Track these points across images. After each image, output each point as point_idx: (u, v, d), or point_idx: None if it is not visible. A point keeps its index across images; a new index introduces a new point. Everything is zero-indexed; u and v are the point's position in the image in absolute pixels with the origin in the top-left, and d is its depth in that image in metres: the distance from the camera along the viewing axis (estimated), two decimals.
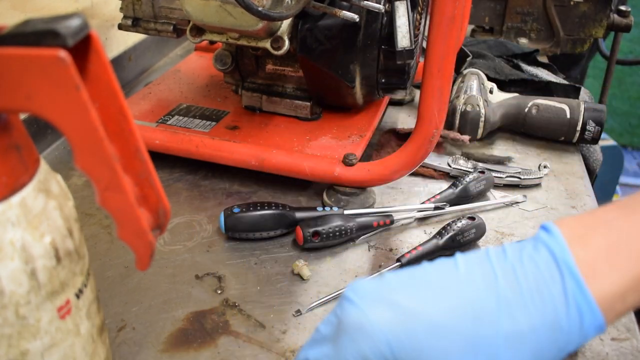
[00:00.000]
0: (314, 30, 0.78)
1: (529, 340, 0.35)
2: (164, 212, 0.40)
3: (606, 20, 1.26)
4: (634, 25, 1.31)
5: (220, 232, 0.73)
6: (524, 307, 0.35)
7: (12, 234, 0.35)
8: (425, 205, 0.78)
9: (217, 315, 0.62)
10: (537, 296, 0.35)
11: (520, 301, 0.35)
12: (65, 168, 0.85)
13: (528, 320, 0.35)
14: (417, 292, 0.36)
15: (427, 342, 0.35)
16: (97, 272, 0.67)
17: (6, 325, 0.36)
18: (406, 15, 0.74)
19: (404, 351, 0.35)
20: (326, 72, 0.81)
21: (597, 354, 0.59)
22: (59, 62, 0.31)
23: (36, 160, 0.38)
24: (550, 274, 0.36)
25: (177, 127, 0.86)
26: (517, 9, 1.30)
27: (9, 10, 0.84)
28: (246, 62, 0.89)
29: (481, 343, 0.35)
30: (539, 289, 0.35)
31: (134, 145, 0.37)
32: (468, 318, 0.35)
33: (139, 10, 0.86)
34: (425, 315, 0.35)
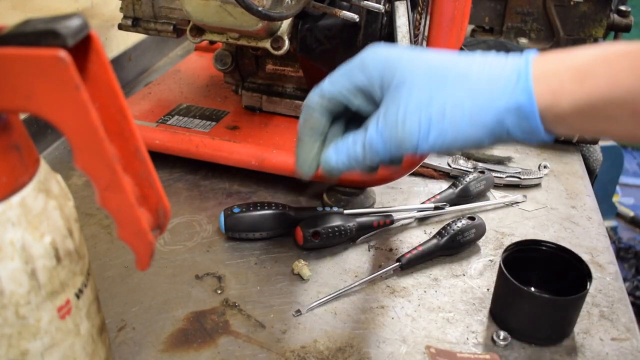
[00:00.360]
0: (314, 30, 0.78)
1: (471, 81, 0.44)
2: (164, 212, 0.40)
3: (606, 20, 1.26)
4: (634, 25, 1.31)
5: (220, 232, 0.73)
6: (481, 64, 0.45)
7: (12, 234, 0.35)
8: (425, 205, 0.78)
9: (217, 315, 0.62)
10: (495, 63, 0.45)
11: (482, 61, 0.45)
12: (65, 168, 0.85)
13: (478, 71, 0.45)
14: (416, 49, 0.48)
15: (406, 62, 0.46)
16: (97, 272, 0.67)
17: (6, 325, 0.36)
18: (406, 15, 0.74)
19: (389, 62, 0.47)
20: (326, 72, 0.81)
21: (597, 354, 0.59)
22: (59, 62, 0.31)
23: (36, 160, 0.38)
24: (513, 56, 0.45)
25: (177, 127, 0.86)
26: (517, 9, 1.30)
27: (9, 10, 0.84)
28: (246, 62, 0.89)
29: (439, 71, 0.45)
30: (499, 60, 0.45)
31: (134, 145, 0.37)
32: (439, 59, 0.46)
33: (139, 10, 0.86)
34: (414, 52, 0.47)
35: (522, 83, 0.43)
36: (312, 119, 0.51)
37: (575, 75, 0.42)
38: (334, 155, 0.50)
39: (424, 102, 0.45)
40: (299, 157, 0.53)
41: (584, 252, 0.73)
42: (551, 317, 0.59)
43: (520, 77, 0.43)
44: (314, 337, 0.60)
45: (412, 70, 0.46)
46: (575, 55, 0.43)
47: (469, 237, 0.71)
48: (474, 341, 0.60)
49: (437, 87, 0.45)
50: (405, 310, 0.64)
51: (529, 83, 0.43)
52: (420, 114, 0.45)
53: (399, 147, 0.46)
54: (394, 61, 0.47)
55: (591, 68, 0.42)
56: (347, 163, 0.50)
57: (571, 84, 0.42)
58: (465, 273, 0.69)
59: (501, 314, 0.62)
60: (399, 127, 0.46)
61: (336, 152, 0.50)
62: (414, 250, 0.69)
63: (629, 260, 2.30)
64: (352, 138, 0.49)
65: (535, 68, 0.43)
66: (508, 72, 0.44)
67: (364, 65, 0.48)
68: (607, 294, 0.66)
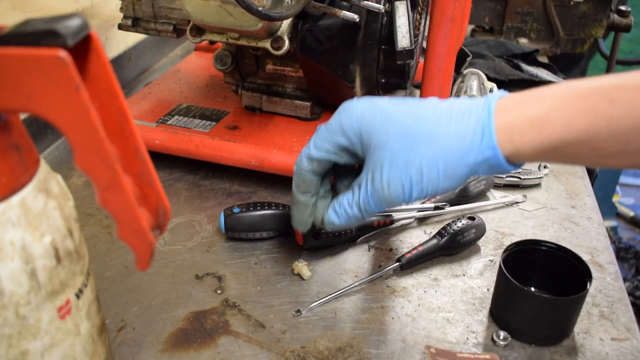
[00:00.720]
0: (314, 30, 0.78)
1: (441, 140, 0.49)
2: (164, 212, 0.40)
3: (606, 20, 1.26)
4: (634, 25, 1.31)
5: (220, 232, 0.73)
6: (448, 120, 0.49)
7: (12, 234, 0.35)
8: (425, 205, 0.78)
9: (217, 315, 0.62)
10: (460, 117, 0.49)
11: (448, 117, 0.50)
12: (65, 168, 0.85)
13: (446, 129, 0.49)
14: (391, 101, 0.53)
15: (380, 123, 0.51)
16: (97, 272, 0.67)
17: (6, 325, 0.36)
18: (406, 15, 0.74)
19: (365, 126, 0.52)
20: (326, 72, 0.81)
21: (597, 354, 0.59)
22: (59, 62, 0.31)
23: (36, 160, 0.38)
24: (477, 107, 0.49)
25: (177, 127, 0.86)
26: (517, 9, 1.30)
27: (9, 10, 0.84)
28: (246, 62, 0.89)
29: (411, 132, 0.50)
30: (464, 113, 0.49)
31: (134, 145, 0.37)
32: (410, 117, 0.51)
33: (139, 10, 0.86)
34: (386, 109, 0.52)
35: (487, 139, 0.48)
36: (305, 182, 0.57)
37: (533, 125, 0.47)
38: (336, 218, 0.57)
39: (403, 166, 0.50)
40: (296, 218, 0.60)
41: (584, 252, 0.73)
42: (551, 317, 0.59)
43: (484, 133, 0.48)
44: (314, 337, 0.60)
45: (387, 132, 0.51)
46: (534, 104, 0.47)
47: (469, 237, 0.71)
48: (474, 341, 0.60)
49: (411, 150, 0.50)
50: (405, 310, 0.64)
51: (492, 139, 0.48)
52: (402, 178, 0.50)
53: (389, 205, 0.53)
54: (368, 125, 0.52)
55: (548, 116, 0.46)
56: (347, 221, 0.57)
57: (530, 133, 0.47)
58: (465, 273, 0.69)
59: (501, 314, 0.62)
60: (385, 191, 0.51)
61: (336, 215, 0.57)
62: (414, 250, 0.69)
63: (629, 260, 2.30)
64: (346, 201, 0.56)
65: (497, 120, 0.48)
66: (473, 127, 0.48)
67: (342, 129, 0.53)
68: (607, 294, 0.66)
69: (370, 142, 0.51)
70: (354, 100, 0.54)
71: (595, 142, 0.45)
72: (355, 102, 0.53)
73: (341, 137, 0.53)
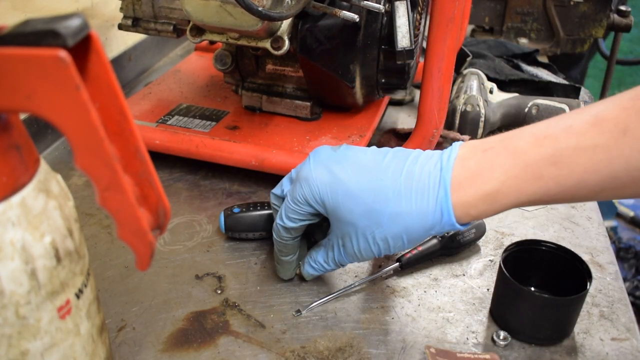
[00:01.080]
0: (314, 30, 0.78)
1: (404, 219, 0.54)
2: (164, 212, 0.40)
3: (606, 20, 1.26)
4: (634, 25, 1.31)
5: (220, 232, 0.73)
6: (408, 199, 0.54)
7: (13, 234, 0.35)
8: None
9: (217, 315, 0.62)
10: (420, 196, 0.53)
11: (407, 196, 0.54)
12: (65, 168, 0.85)
13: (407, 208, 0.54)
14: (350, 169, 0.56)
15: (342, 200, 0.56)
16: (97, 272, 0.67)
17: (6, 325, 0.36)
18: (406, 15, 0.74)
19: (328, 201, 0.56)
20: (326, 72, 0.81)
21: (597, 354, 0.59)
22: (59, 62, 0.31)
23: (36, 160, 0.38)
24: (434, 182, 0.53)
25: (177, 127, 0.86)
26: (517, 9, 1.30)
27: (9, 10, 0.84)
28: (246, 62, 0.89)
29: (374, 213, 0.55)
30: (422, 191, 0.53)
31: (134, 145, 0.37)
32: (371, 195, 0.55)
33: (139, 10, 0.86)
34: (347, 185, 0.56)
35: (446, 218, 0.53)
36: (287, 247, 0.63)
37: (487, 200, 0.52)
38: (313, 271, 0.63)
39: (371, 240, 0.56)
40: (280, 273, 0.66)
41: (584, 252, 0.73)
42: (551, 317, 0.59)
43: (443, 214, 0.53)
44: (314, 337, 0.60)
45: (351, 210, 0.55)
46: (486, 179, 0.51)
47: (469, 237, 0.71)
48: (474, 341, 0.60)
49: (376, 228, 0.55)
50: (405, 310, 0.64)
51: (451, 217, 0.53)
52: (371, 247, 0.56)
53: (364, 260, 0.61)
54: (331, 200, 0.56)
55: (500, 189, 0.51)
56: (324, 272, 0.64)
57: (484, 206, 0.52)
58: (465, 273, 0.69)
59: (501, 314, 0.62)
60: (358, 255, 0.58)
61: (314, 269, 0.63)
62: (414, 250, 0.69)
63: (629, 260, 2.30)
64: (322, 259, 0.62)
65: (453, 198, 0.52)
66: (432, 209, 0.53)
67: (307, 202, 0.57)
68: (607, 294, 0.66)
69: (335, 215, 0.57)
70: (312, 166, 0.58)
71: (545, 198, 0.51)
72: (315, 172, 0.57)
73: (308, 207, 0.58)
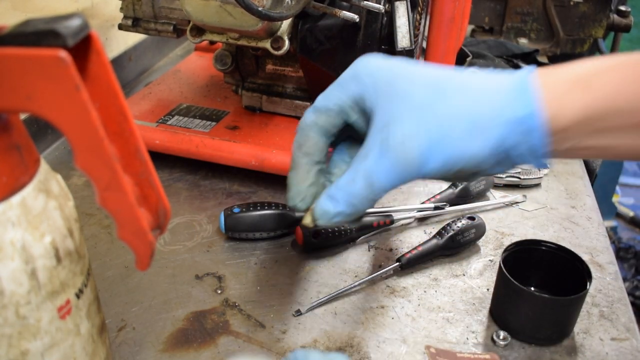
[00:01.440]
0: (314, 30, 0.78)
1: (473, 90, 0.41)
2: (164, 212, 0.40)
3: (606, 21, 1.26)
4: (633, 25, 1.31)
5: (220, 232, 0.73)
6: (484, 75, 0.42)
7: (13, 234, 0.35)
8: (425, 205, 0.78)
9: (217, 315, 0.62)
10: (494, 75, 0.42)
11: (480, 74, 0.42)
12: (66, 168, 0.85)
13: (480, 80, 0.42)
14: (409, 61, 0.44)
15: (402, 70, 0.43)
16: (97, 272, 0.67)
17: (6, 325, 0.36)
18: (406, 15, 0.74)
19: (384, 70, 0.43)
20: (326, 72, 0.81)
21: (597, 353, 0.59)
22: (59, 62, 0.31)
23: (36, 160, 0.38)
24: (512, 71, 0.43)
25: (177, 127, 0.86)
26: (517, 9, 1.30)
27: (9, 10, 0.84)
28: (246, 62, 0.89)
29: (440, 82, 0.42)
30: (499, 73, 0.42)
31: (134, 145, 0.37)
32: (441, 69, 0.43)
33: (139, 11, 0.86)
34: (408, 64, 0.43)
35: (525, 93, 0.40)
36: (308, 140, 0.46)
37: (579, 83, 0.40)
38: (330, 204, 0.44)
39: (424, 118, 0.41)
40: (292, 188, 0.47)
41: (584, 252, 0.73)
42: (551, 317, 0.59)
43: (523, 88, 0.40)
44: (314, 337, 0.60)
45: (411, 80, 0.42)
46: (579, 65, 0.41)
47: (468, 237, 0.71)
48: (474, 341, 0.60)
49: (437, 100, 0.41)
50: (405, 310, 0.64)
51: (532, 93, 0.40)
52: (421, 133, 0.40)
53: (402, 175, 0.42)
54: (388, 70, 0.43)
55: (595, 76, 0.40)
56: (347, 209, 0.44)
57: (575, 91, 0.40)
58: (465, 273, 0.69)
59: (501, 314, 0.62)
60: (400, 150, 0.41)
61: (331, 198, 0.44)
62: (414, 250, 0.69)
63: (628, 260, 2.30)
64: (346, 180, 0.43)
65: (538, 77, 0.41)
66: (510, 83, 0.41)
67: (356, 75, 0.43)
68: (607, 294, 0.66)
69: (388, 90, 0.42)
70: (373, 54, 0.46)
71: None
72: (375, 55, 0.44)
73: (353, 85, 0.43)
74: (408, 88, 0.41)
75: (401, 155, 0.41)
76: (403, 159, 0.41)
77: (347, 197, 0.43)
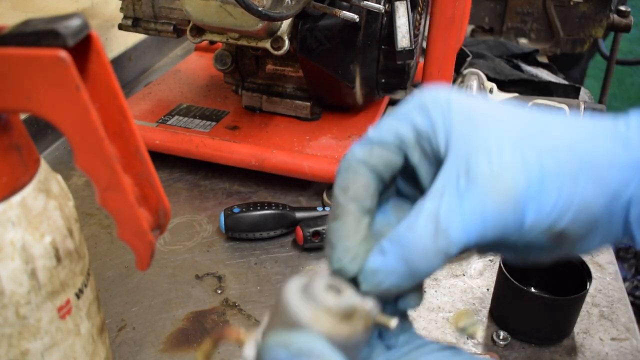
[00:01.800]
0: (314, 30, 0.78)
1: (582, 127, 0.32)
2: (164, 212, 0.40)
3: (606, 21, 1.26)
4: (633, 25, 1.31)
5: (220, 232, 0.73)
6: (582, 119, 0.33)
7: (13, 234, 0.35)
8: None
9: (217, 315, 0.62)
10: (597, 118, 0.33)
11: (580, 118, 0.33)
12: (66, 168, 0.85)
13: (588, 120, 0.32)
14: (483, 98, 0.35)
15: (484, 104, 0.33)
16: (97, 272, 0.67)
17: (6, 325, 0.36)
18: (406, 15, 0.74)
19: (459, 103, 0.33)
20: (326, 72, 0.81)
21: (597, 353, 0.59)
22: (59, 62, 0.31)
23: (36, 160, 0.38)
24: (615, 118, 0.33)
25: (177, 127, 0.86)
26: (517, 9, 1.30)
27: (9, 10, 0.84)
28: (246, 62, 0.89)
29: (537, 117, 0.32)
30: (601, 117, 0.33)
31: (134, 145, 0.37)
32: (531, 109, 0.33)
33: (139, 11, 0.86)
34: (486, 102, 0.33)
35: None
36: (356, 180, 0.33)
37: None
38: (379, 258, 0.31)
39: (528, 146, 0.31)
40: (337, 244, 0.33)
41: None
42: (551, 317, 0.59)
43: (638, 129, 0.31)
44: None
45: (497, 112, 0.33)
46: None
47: None
48: (474, 341, 0.60)
49: (541, 133, 0.31)
50: None
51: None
52: (528, 160, 0.30)
53: (496, 216, 0.30)
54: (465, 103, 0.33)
55: None
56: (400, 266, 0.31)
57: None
58: (465, 273, 0.69)
59: (501, 314, 0.62)
60: (498, 180, 0.30)
61: (382, 251, 0.31)
62: None
63: (628, 260, 2.30)
64: (403, 224, 0.31)
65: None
66: (616, 124, 0.32)
67: (423, 106, 0.33)
68: (607, 294, 0.66)
69: (468, 124, 0.32)
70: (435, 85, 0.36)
71: None
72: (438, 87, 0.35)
73: (420, 116, 0.33)
74: (495, 119, 0.32)
75: (499, 187, 0.30)
76: (496, 195, 0.30)
77: (401, 249, 0.31)
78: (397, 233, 0.31)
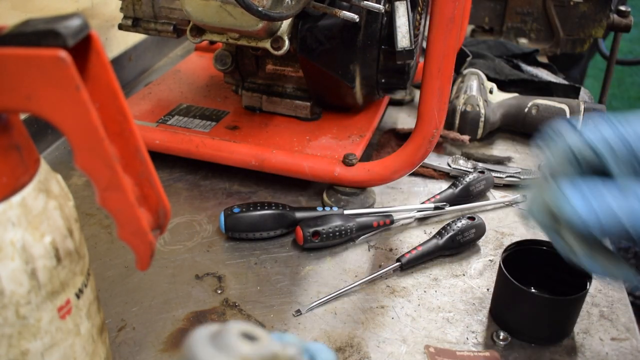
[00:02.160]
0: (314, 30, 0.78)
1: None
2: (164, 212, 0.40)
3: (606, 21, 1.26)
4: (633, 25, 1.31)
5: (220, 232, 0.73)
6: None
7: (13, 234, 0.35)
8: (425, 205, 0.78)
9: (217, 315, 0.62)
10: None
11: None
12: (66, 168, 0.85)
13: None
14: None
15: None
16: (97, 272, 0.67)
17: (6, 325, 0.36)
18: (406, 15, 0.74)
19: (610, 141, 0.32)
20: (326, 72, 0.81)
21: (597, 353, 0.59)
22: (59, 62, 0.31)
23: (36, 160, 0.38)
24: None
25: (177, 127, 0.86)
26: (517, 9, 1.30)
27: (9, 10, 0.84)
28: (246, 62, 0.89)
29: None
30: None
31: (134, 145, 0.37)
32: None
33: (139, 11, 0.86)
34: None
35: None
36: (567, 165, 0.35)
37: None
38: (581, 201, 0.33)
39: None
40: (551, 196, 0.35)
41: None
42: (551, 317, 0.59)
43: None
44: (314, 337, 0.60)
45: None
46: None
47: (468, 237, 0.71)
48: (474, 341, 0.60)
49: None
50: (405, 310, 0.64)
51: None
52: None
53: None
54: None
55: None
56: (598, 219, 0.32)
57: None
58: (465, 273, 0.69)
59: (501, 314, 0.62)
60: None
61: (585, 199, 0.33)
62: (414, 250, 0.69)
63: (628, 260, 2.30)
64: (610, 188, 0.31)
65: None
66: None
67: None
68: (607, 294, 0.66)
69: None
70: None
71: None
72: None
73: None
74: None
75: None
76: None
77: (606, 207, 0.32)
78: (608, 191, 0.33)
